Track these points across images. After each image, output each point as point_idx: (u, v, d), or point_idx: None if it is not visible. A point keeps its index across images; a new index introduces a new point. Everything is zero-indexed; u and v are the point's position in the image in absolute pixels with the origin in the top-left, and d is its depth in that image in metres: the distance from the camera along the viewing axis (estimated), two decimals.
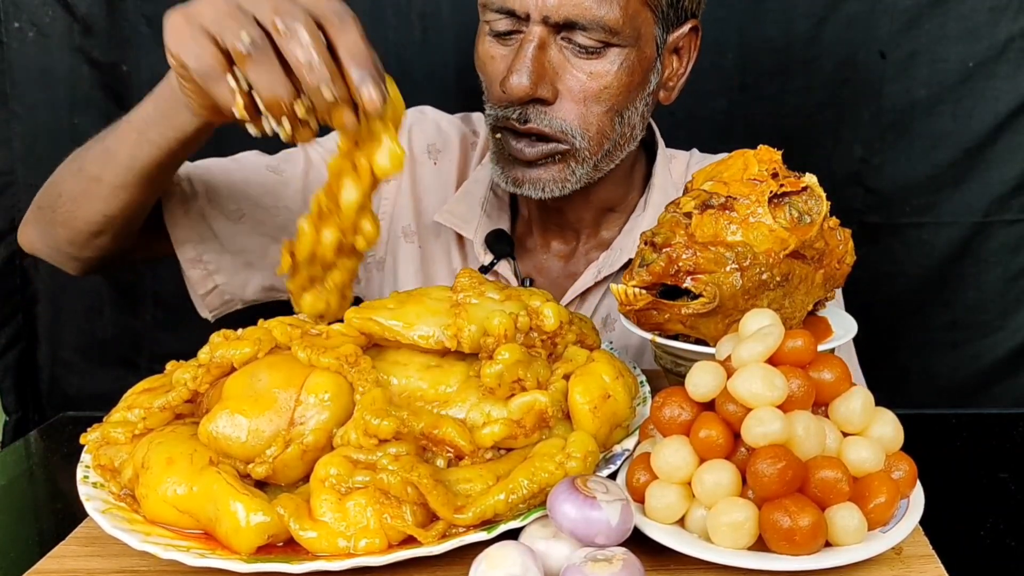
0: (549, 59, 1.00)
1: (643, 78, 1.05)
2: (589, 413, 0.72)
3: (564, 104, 1.01)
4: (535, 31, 0.98)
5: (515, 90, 0.98)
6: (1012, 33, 1.57)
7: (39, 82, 1.64)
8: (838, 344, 0.84)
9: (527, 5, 0.97)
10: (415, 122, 1.24)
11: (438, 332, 0.74)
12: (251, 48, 0.69)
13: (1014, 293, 1.67)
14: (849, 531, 0.62)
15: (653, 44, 1.04)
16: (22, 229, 1.14)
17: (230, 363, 0.74)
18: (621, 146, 1.07)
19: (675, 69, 1.11)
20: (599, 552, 0.60)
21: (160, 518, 0.67)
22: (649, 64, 1.05)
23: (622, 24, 0.98)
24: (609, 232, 1.18)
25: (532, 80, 0.98)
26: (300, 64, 0.69)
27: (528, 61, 0.98)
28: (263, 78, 0.70)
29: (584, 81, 1.00)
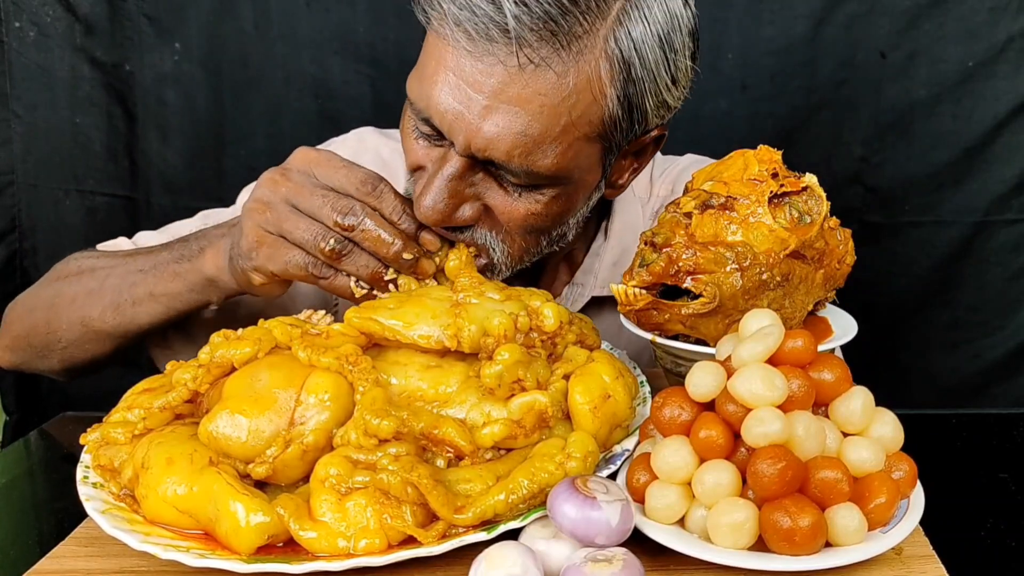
0: (472, 181, 0.86)
1: (582, 199, 0.92)
2: (589, 413, 0.72)
3: (485, 223, 0.89)
4: (456, 160, 0.84)
5: (428, 216, 0.85)
6: (1012, 33, 1.57)
7: (39, 82, 1.64)
8: (838, 344, 0.84)
9: (452, 135, 0.83)
10: (355, 155, 1.08)
11: (438, 332, 0.74)
12: (338, 247, 0.84)
13: (1014, 293, 1.67)
14: (849, 531, 0.62)
15: (599, 169, 0.91)
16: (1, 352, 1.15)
17: (230, 363, 0.74)
18: (549, 249, 0.95)
19: (629, 166, 0.97)
20: (599, 552, 0.60)
21: (160, 518, 0.67)
22: (590, 188, 0.92)
23: (559, 170, 0.85)
24: (570, 269, 1.10)
25: (447, 210, 0.85)
26: (380, 245, 0.85)
27: (444, 189, 0.85)
28: (358, 264, 0.85)
29: (510, 209, 0.87)
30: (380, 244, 0.84)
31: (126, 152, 1.70)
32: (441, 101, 0.83)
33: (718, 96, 1.65)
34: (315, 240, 0.84)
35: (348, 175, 0.86)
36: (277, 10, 1.64)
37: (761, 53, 1.62)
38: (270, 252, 0.86)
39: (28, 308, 1.10)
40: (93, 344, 1.05)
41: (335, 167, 0.86)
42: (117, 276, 1.02)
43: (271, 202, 0.86)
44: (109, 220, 1.69)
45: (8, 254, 1.68)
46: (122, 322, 1.01)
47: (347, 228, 0.84)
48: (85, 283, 1.05)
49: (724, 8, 1.61)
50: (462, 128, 0.82)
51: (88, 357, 1.07)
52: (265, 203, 0.86)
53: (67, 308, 1.05)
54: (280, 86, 1.67)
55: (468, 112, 0.82)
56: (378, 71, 1.66)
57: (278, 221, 0.85)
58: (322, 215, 0.84)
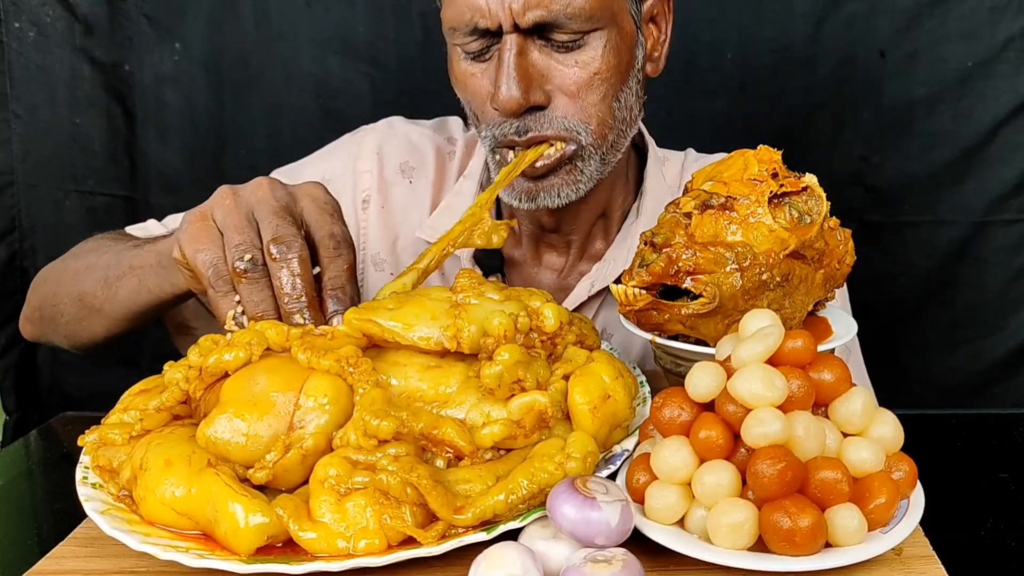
0: (532, 63, 0.96)
1: (630, 55, 1.02)
2: (589, 413, 0.72)
3: (560, 104, 0.98)
4: (510, 40, 0.94)
5: (507, 104, 0.95)
6: (1012, 33, 1.57)
7: (39, 82, 1.64)
8: (838, 344, 0.84)
9: (495, 18, 0.94)
10: (384, 140, 1.20)
11: (438, 333, 0.74)
12: (248, 268, 0.78)
13: (1014, 293, 1.67)
14: (849, 532, 0.62)
15: (630, 18, 1.01)
16: (23, 323, 1.18)
17: (223, 370, 0.73)
18: (624, 132, 1.04)
19: (656, 38, 1.07)
20: (599, 553, 0.60)
21: (158, 520, 0.67)
22: (632, 39, 1.02)
23: (594, 8, 0.95)
24: (601, 243, 1.15)
25: (522, 90, 0.95)
26: (282, 292, 0.78)
27: (512, 71, 0.94)
28: (253, 297, 0.78)
29: (574, 74, 0.97)
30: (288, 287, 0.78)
31: (126, 152, 1.70)
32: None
33: (718, 96, 1.65)
34: (238, 248, 0.78)
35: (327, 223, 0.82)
36: (277, 10, 1.64)
37: (761, 53, 1.62)
38: (195, 234, 0.81)
39: (44, 280, 1.13)
40: (88, 321, 1.05)
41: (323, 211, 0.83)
42: (114, 252, 1.03)
43: (238, 195, 0.82)
44: (109, 220, 1.69)
45: (8, 254, 1.68)
46: (108, 297, 1.01)
47: (269, 257, 0.78)
48: (88, 258, 1.06)
49: (724, 8, 1.61)
50: (503, 3, 0.93)
51: (86, 336, 1.07)
52: (234, 193, 0.82)
53: (69, 282, 1.06)
54: (280, 86, 1.67)
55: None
56: (378, 70, 1.66)
57: (227, 212, 0.80)
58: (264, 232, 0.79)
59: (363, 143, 1.20)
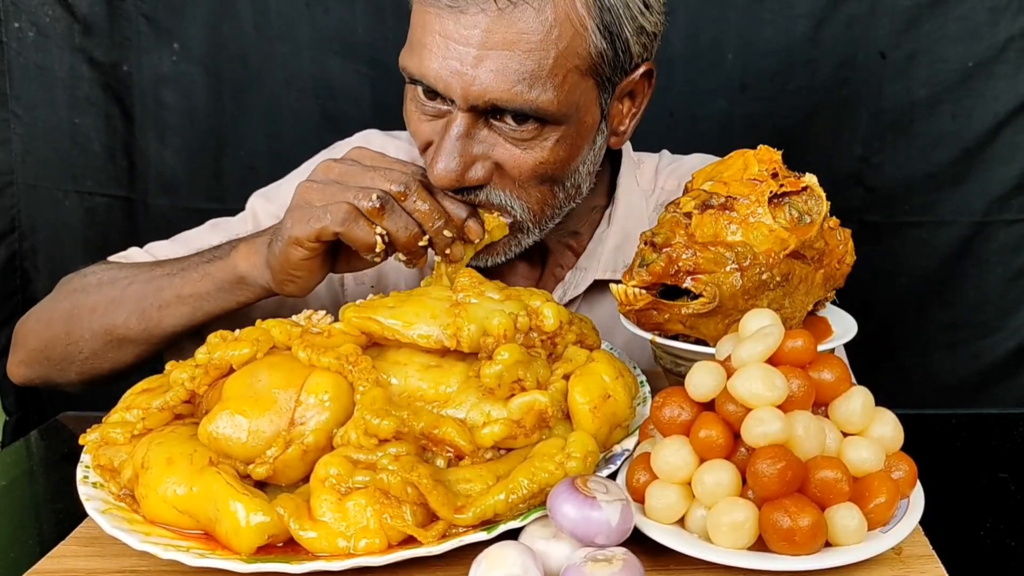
0: (479, 139, 0.91)
1: (587, 140, 0.96)
2: (589, 413, 0.72)
3: (499, 182, 0.93)
4: (460, 118, 0.89)
5: (441, 180, 0.90)
6: (1012, 33, 1.57)
7: (39, 82, 1.64)
8: (838, 344, 0.84)
9: (451, 91, 0.88)
10: None
11: (438, 332, 0.74)
12: (381, 202, 0.85)
13: (1014, 293, 1.67)
14: (849, 531, 0.62)
15: (597, 109, 0.95)
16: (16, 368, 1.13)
17: (228, 364, 0.74)
18: (567, 203, 1.00)
19: (626, 111, 1.01)
20: (599, 552, 0.60)
21: (160, 518, 0.67)
22: (592, 130, 0.96)
23: (558, 106, 0.89)
24: (573, 253, 1.12)
25: (459, 170, 0.90)
26: (425, 214, 0.87)
27: (454, 149, 0.89)
28: (398, 224, 0.86)
29: (519, 158, 0.92)
30: (426, 216, 0.87)
31: (125, 152, 1.70)
32: (434, 64, 0.88)
33: (718, 96, 1.65)
34: (358, 196, 0.85)
35: (403, 165, 0.90)
36: (276, 10, 1.64)
37: (761, 53, 1.62)
38: (303, 217, 0.87)
39: (44, 322, 1.09)
40: (116, 352, 1.04)
41: (389, 161, 0.90)
42: (141, 282, 1.02)
43: (322, 181, 0.88)
44: (108, 220, 1.69)
45: (8, 254, 1.68)
46: (148, 327, 1.01)
47: (399, 196, 0.86)
48: (106, 292, 1.04)
49: (724, 8, 1.61)
50: (459, 82, 0.87)
51: (109, 366, 1.06)
52: (316, 182, 0.88)
53: (88, 318, 1.04)
54: (279, 86, 1.67)
55: (462, 66, 0.87)
56: (378, 71, 1.66)
57: (323, 193, 0.87)
58: (374, 184, 0.86)
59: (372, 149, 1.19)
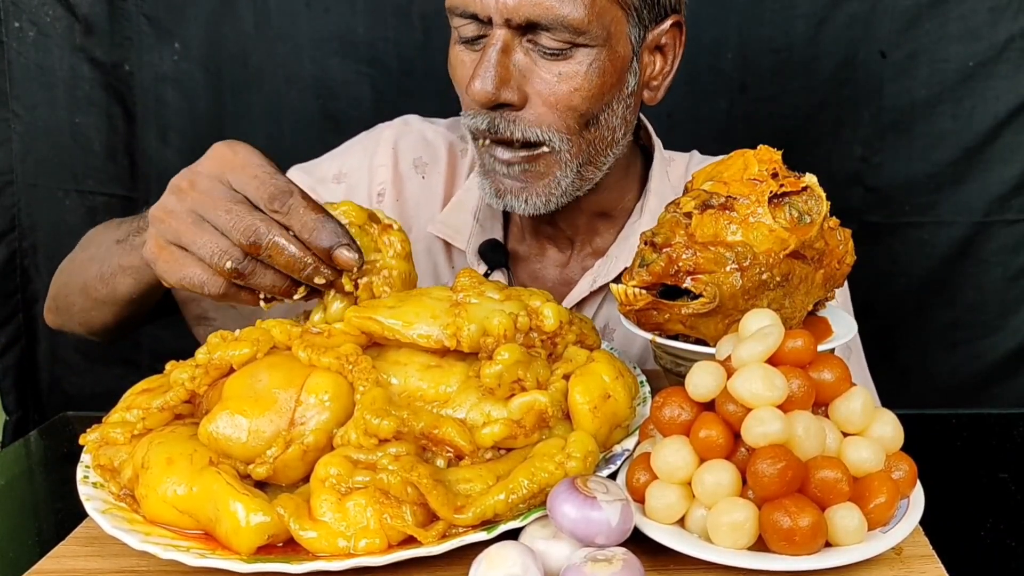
0: (515, 62, 0.95)
1: (618, 79, 1.00)
2: (589, 413, 0.72)
3: (533, 108, 0.97)
4: (498, 34, 0.94)
5: (478, 95, 0.94)
6: (1012, 33, 1.57)
7: (39, 82, 1.64)
8: (838, 344, 0.84)
9: (488, 8, 0.93)
10: (400, 135, 1.21)
11: (438, 331, 0.74)
12: (239, 267, 0.77)
13: (1014, 293, 1.67)
14: (849, 531, 0.62)
15: (627, 43, 0.99)
16: (46, 313, 1.19)
17: (228, 364, 0.74)
18: (603, 150, 1.03)
19: (659, 68, 1.06)
20: (599, 552, 0.60)
21: (160, 518, 0.67)
22: (623, 64, 1.00)
23: (588, 23, 0.93)
24: (604, 239, 1.16)
25: (495, 85, 0.94)
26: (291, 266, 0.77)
27: (491, 65, 0.94)
28: (265, 282, 0.78)
29: (552, 83, 0.96)
30: (290, 264, 0.77)
31: (126, 152, 1.70)
32: None
33: (718, 96, 1.65)
34: (215, 258, 0.77)
35: (259, 185, 0.78)
36: (277, 10, 1.64)
37: (761, 53, 1.62)
38: (168, 264, 0.80)
39: (60, 270, 1.14)
40: (96, 311, 1.06)
41: (248, 175, 0.79)
42: (105, 244, 1.04)
43: (175, 211, 0.79)
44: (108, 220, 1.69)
45: (8, 254, 1.69)
46: (108, 292, 1.02)
47: (252, 248, 0.76)
48: (90, 250, 1.06)
49: (724, 8, 1.61)
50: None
51: (99, 323, 1.09)
52: (169, 212, 0.80)
53: (76, 273, 1.08)
54: (280, 86, 1.67)
55: None
56: (378, 71, 1.66)
57: (179, 232, 0.78)
58: (227, 230, 0.77)
59: (380, 139, 1.22)
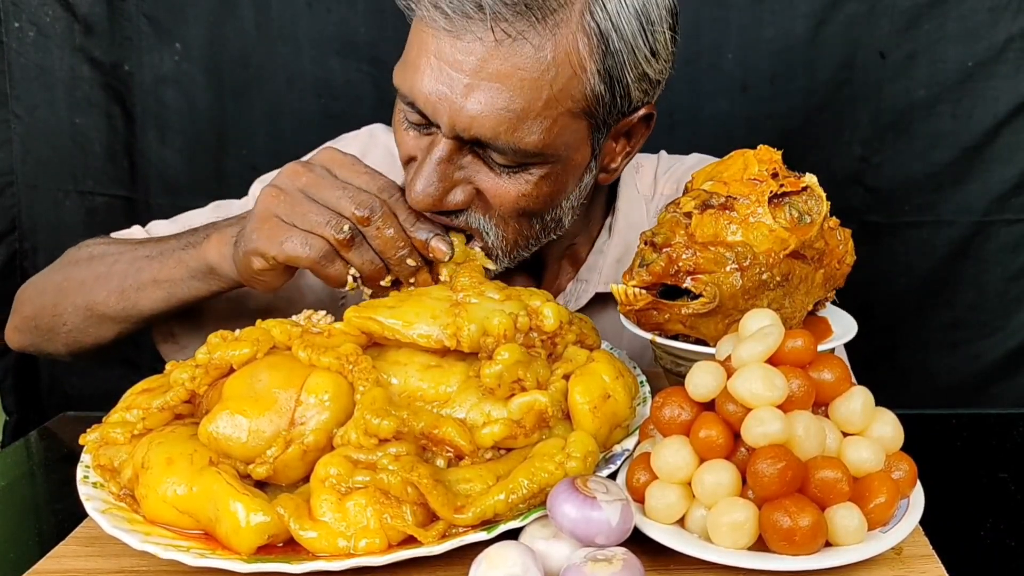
0: (462, 164, 0.88)
1: (575, 178, 0.93)
2: (589, 413, 0.72)
3: (477, 206, 0.91)
4: (443, 143, 0.86)
5: (420, 202, 0.87)
6: (1012, 33, 1.57)
7: (39, 82, 1.64)
8: (838, 344, 0.84)
9: (438, 116, 0.85)
10: (366, 149, 1.15)
11: (438, 331, 0.74)
12: (350, 235, 0.84)
13: (1014, 293, 1.67)
14: (849, 531, 0.62)
15: (588, 148, 0.92)
16: (10, 333, 1.17)
17: (229, 364, 0.74)
18: (545, 236, 0.97)
19: (620, 149, 0.98)
20: (599, 552, 0.60)
21: (160, 518, 0.67)
22: (580, 168, 0.93)
23: (545, 146, 0.86)
24: (573, 266, 1.11)
25: (438, 194, 0.87)
26: (388, 241, 0.86)
27: (433, 173, 0.87)
28: (364, 258, 0.86)
29: (499, 190, 0.89)
30: (389, 244, 0.85)
31: (125, 152, 1.70)
32: (425, 85, 0.85)
33: (718, 96, 1.65)
34: (328, 225, 0.84)
35: (370, 179, 0.88)
36: (278, 10, 1.64)
37: (761, 53, 1.62)
38: (271, 232, 0.86)
39: (38, 291, 1.12)
40: (96, 328, 1.06)
41: (358, 171, 0.88)
42: (125, 262, 1.03)
43: (287, 190, 0.87)
44: (109, 220, 1.69)
45: (8, 254, 1.69)
46: (125, 307, 1.02)
47: (363, 220, 0.85)
48: (94, 268, 1.06)
49: (724, 8, 1.61)
50: (446, 109, 0.84)
51: (92, 341, 1.08)
52: (281, 189, 0.87)
53: (74, 292, 1.06)
54: (281, 86, 1.67)
55: (451, 92, 0.84)
56: (379, 71, 1.66)
57: (291, 207, 0.86)
58: (340, 205, 0.85)
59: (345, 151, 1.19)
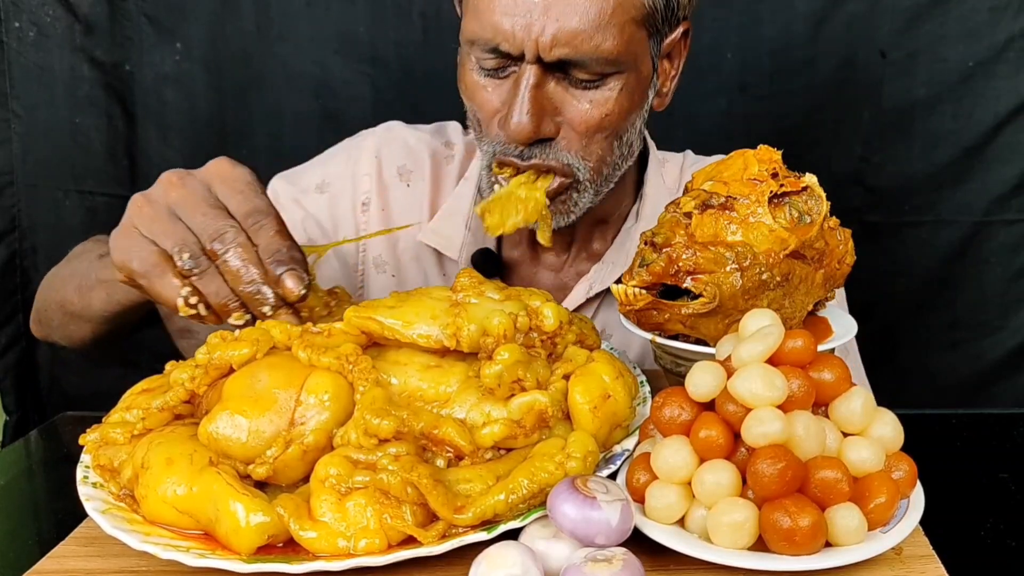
0: (547, 95, 0.95)
1: (642, 96, 1.01)
2: (589, 413, 0.72)
3: (566, 137, 0.97)
4: (530, 71, 0.93)
5: (518, 134, 0.94)
6: (1012, 33, 1.57)
7: (39, 82, 1.64)
8: (838, 344, 0.84)
9: (519, 46, 0.92)
10: (383, 143, 1.20)
11: (437, 331, 0.74)
12: (192, 265, 0.78)
13: (1014, 293, 1.67)
14: (849, 531, 0.62)
15: (649, 61, 1.00)
16: (32, 324, 1.21)
17: (228, 364, 0.74)
18: (620, 166, 1.04)
19: (667, 73, 1.06)
20: (599, 552, 0.60)
21: (160, 518, 0.67)
22: (647, 82, 1.01)
23: (620, 53, 0.94)
24: (600, 244, 1.16)
25: (535, 123, 0.94)
26: (237, 280, 0.78)
27: (527, 102, 0.93)
28: (209, 287, 0.78)
29: (585, 112, 0.96)
30: (236, 278, 0.78)
31: (126, 152, 1.70)
32: (504, 21, 0.92)
33: (718, 96, 1.65)
34: (175, 248, 0.79)
35: (242, 201, 0.81)
36: (277, 10, 1.64)
37: (761, 53, 1.62)
38: (124, 243, 0.82)
39: (44, 284, 1.15)
40: (74, 326, 1.07)
41: (235, 189, 0.82)
42: (87, 260, 1.04)
43: (155, 202, 0.82)
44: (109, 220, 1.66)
45: (8, 254, 1.68)
46: (84, 306, 1.02)
47: (211, 253, 0.78)
48: (71, 265, 1.07)
49: (724, 8, 1.61)
50: (531, 34, 0.91)
51: (77, 338, 1.09)
52: (149, 201, 0.82)
53: (55, 289, 1.08)
54: (281, 86, 1.67)
55: (531, 17, 0.91)
56: (379, 71, 1.66)
57: (151, 221, 0.81)
58: (196, 230, 0.79)
59: (362, 147, 1.21)
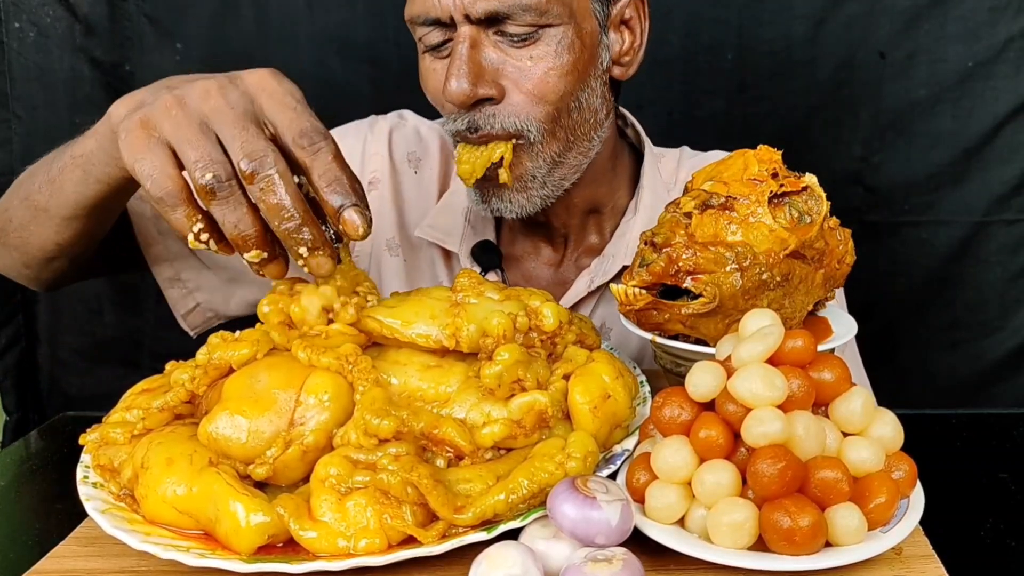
0: (485, 57, 0.95)
1: (590, 54, 0.99)
2: (589, 413, 0.72)
3: (511, 98, 0.96)
4: (463, 32, 0.94)
5: (455, 95, 0.93)
6: (1012, 33, 1.57)
7: (39, 82, 1.64)
8: (838, 344, 0.84)
9: (447, 8, 0.93)
10: (395, 128, 1.21)
11: (436, 331, 0.74)
12: (215, 185, 0.66)
13: (1014, 293, 1.67)
14: (849, 531, 0.62)
15: (592, 18, 0.99)
16: None
17: (228, 364, 0.74)
18: (585, 133, 1.02)
19: (628, 43, 1.04)
20: (599, 552, 0.60)
21: (160, 518, 0.67)
22: (593, 39, 0.99)
23: (549, 2, 0.93)
24: (599, 237, 1.16)
25: (471, 81, 0.93)
26: (273, 212, 0.67)
27: (463, 63, 0.93)
28: (228, 218, 0.67)
29: (526, 69, 0.95)
30: (275, 209, 0.67)
31: None
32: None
33: (717, 96, 1.65)
34: (197, 164, 0.67)
35: (294, 118, 0.70)
36: (277, 10, 1.64)
37: (761, 53, 1.62)
38: (136, 142, 0.69)
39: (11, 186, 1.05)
40: (35, 224, 0.96)
41: (285, 106, 0.71)
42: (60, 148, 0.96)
43: (187, 106, 0.70)
44: None
45: None
46: (53, 193, 0.91)
47: (247, 175, 0.67)
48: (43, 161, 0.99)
49: (724, 8, 1.61)
50: None
51: (36, 242, 0.98)
52: (180, 104, 0.70)
53: (18, 187, 1.01)
54: None
55: None
56: (379, 71, 1.66)
57: (177, 126, 0.69)
58: (230, 147, 0.68)
59: (375, 126, 1.23)
